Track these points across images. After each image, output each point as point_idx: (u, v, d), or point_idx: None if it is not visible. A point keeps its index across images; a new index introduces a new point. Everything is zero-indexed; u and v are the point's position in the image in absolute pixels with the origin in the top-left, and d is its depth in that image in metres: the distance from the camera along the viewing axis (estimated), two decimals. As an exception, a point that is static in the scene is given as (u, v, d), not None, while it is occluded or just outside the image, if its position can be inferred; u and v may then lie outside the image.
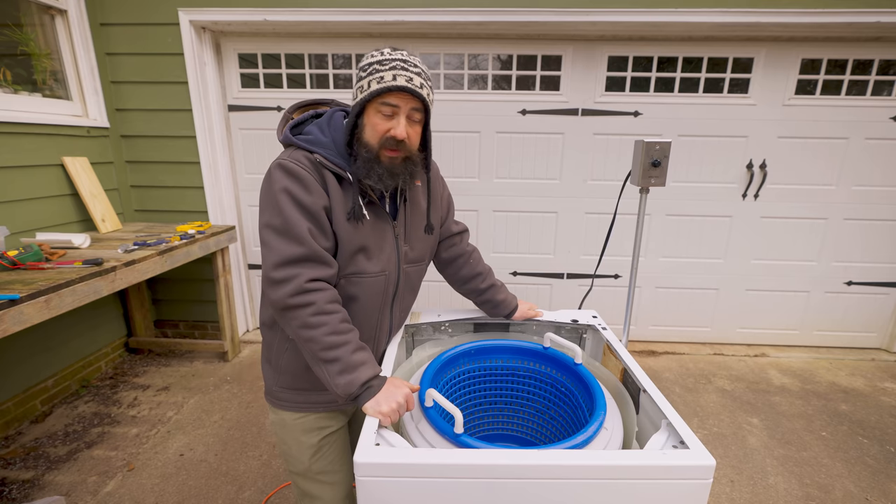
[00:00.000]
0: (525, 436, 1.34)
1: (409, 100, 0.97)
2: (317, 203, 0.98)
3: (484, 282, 1.36)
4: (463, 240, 1.38)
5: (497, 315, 1.39)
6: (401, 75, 0.94)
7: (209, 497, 1.86)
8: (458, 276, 1.37)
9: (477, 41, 2.85)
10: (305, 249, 0.96)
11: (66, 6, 2.52)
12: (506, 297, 1.38)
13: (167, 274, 2.90)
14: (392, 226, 1.11)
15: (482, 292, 1.36)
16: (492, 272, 1.39)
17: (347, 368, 0.95)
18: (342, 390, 0.95)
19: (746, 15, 2.51)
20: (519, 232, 3.16)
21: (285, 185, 0.97)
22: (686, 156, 2.95)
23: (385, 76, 0.94)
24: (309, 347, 0.97)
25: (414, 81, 0.95)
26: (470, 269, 1.36)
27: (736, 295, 3.21)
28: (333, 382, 0.96)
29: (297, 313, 0.96)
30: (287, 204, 0.96)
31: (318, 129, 1.06)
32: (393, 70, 0.94)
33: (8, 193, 2.22)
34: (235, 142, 3.06)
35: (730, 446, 2.20)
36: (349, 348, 0.97)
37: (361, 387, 0.95)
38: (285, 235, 0.96)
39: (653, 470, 0.79)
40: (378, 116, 0.98)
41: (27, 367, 2.35)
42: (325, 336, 0.95)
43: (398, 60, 0.96)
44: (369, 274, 1.08)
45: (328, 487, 1.21)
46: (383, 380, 0.99)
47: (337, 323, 0.97)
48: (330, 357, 0.96)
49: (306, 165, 0.99)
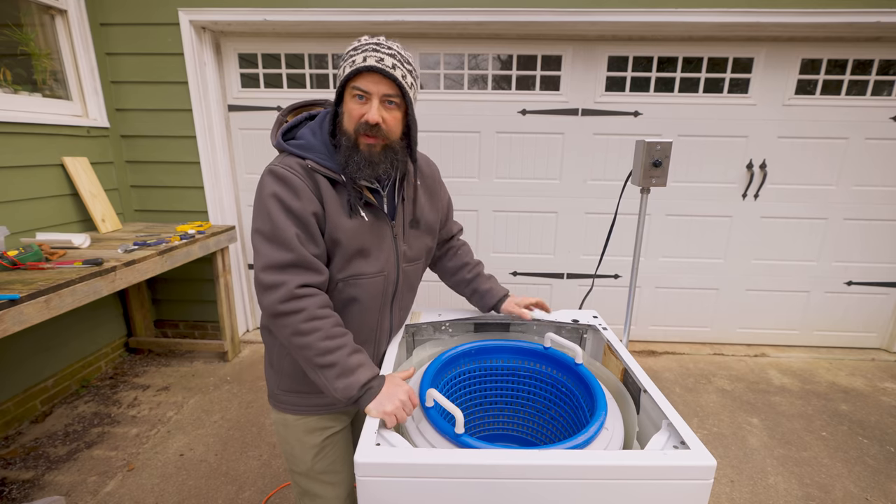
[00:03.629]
0: (526, 436, 1.34)
1: (380, 81, 0.94)
2: (306, 209, 0.97)
3: (470, 272, 1.35)
4: (456, 237, 1.40)
5: (484, 307, 1.35)
6: (371, 56, 0.93)
7: (209, 497, 1.86)
8: (446, 267, 1.37)
9: (477, 41, 2.85)
10: (294, 255, 0.95)
11: (66, 6, 2.52)
12: (492, 286, 1.34)
13: (167, 274, 2.90)
14: (391, 226, 1.11)
15: (469, 282, 1.35)
16: (481, 264, 1.38)
17: (345, 372, 0.95)
18: (342, 394, 0.95)
19: (746, 15, 2.51)
20: (519, 232, 3.16)
21: (274, 190, 0.96)
22: (686, 156, 2.95)
23: (356, 59, 0.93)
24: (304, 354, 0.96)
25: (385, 62, 0.93)
26: (457, 260, 1.35)
27: (736, 295, 3.21)
28: (332, 387, 0.95)
29: (289, 320, 0.95)
30: (276, 209, 0.96)
31: (311, 132, 1.05)
32: (364, 52, 0.94)
33: (8, 193, 2.22)
34: (235, 142, 3.06)
35: (730, 446, 2.20)
36: (345, 352, 0.96)
37: (361, 389, 0.95)
38: (273, 241, 0.96)
39: (653, 470, 0.79)
40: (353, 102, 0.96)
41: (27, 367, 2.35)
42: (320, 341, 0.95)
43: (371, 43, 0.95)
44: (368, 275, 1.08)
45: (330, 487, 1.21)
46: (382, 379, 0.98)
47: (330, 327, 0.96)
48: (326, 362, 0.95)
49: (298, 171, 0.98)
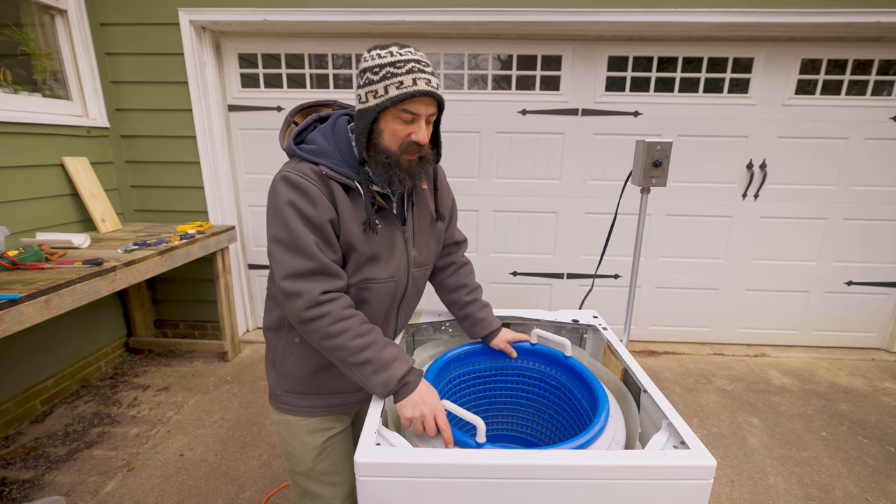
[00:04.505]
0: (527, 436, 1.35)
1: (430, 104, 0.95)
2: (322, 216, 0.97)
3: (468, 295, 1.29)
4: (460, 250, 1.35)
5: (474, 335, 1.28)
6: (420, 79, 0.91)
7: (209, 497, 1.86)
8: (444, 283, 1.32)
9: (477, 41, 2.85)
10: (315, 263, 0.96)
11: (66, 6, 2.52)
12: (487, 317, 1.27)
13: (167, 274, 2.91)
14: (402, 231, 1.10)
15: (464, 305, 1.29)
16: (480, 289, 1.33)
17: (381, 367, 0.96)
18: (381, 390, 0.96)
19: (746, 15, 2.51)
20: (519, 232, 3.16)
21: (290, 198, 0.96)
22: (686, 156, 2.95)
23: (404, 81, 0.90)
24: (338, 355, 0.97)
25: (432, 83, 0.93)
26: (457, 279, 1.31)
27: (736, 295, 3.21)
28: (370, 383, 0.96)
29: (316, 325, 0.96)
30: (293, 218, 0.96)
31: (322, 136, 1.04)
32: (411, 74, 0.91)
33: (8, 193, 2.22)
34: (235, 142, 3.06)
35: (730, 446, 2.20)
36: (377, 347, 0.97)
37: (399, 383, 0.96)
38: (293, 250, 0.96)
39: (654, 470, 0.79)
40: (397, 122, 0.95)
41: (27, 367, 2.35)
42: (351, 341, 0.95)
43: (412, 62, 0.92)
44: (379, 280, 1.08)
45: (331, 487, 1.21)
46: (419, 374, 1.00)
47: (358, 325, 0.97)
48: (361, 360, 0.96)
49: (312, 178, 0.97)
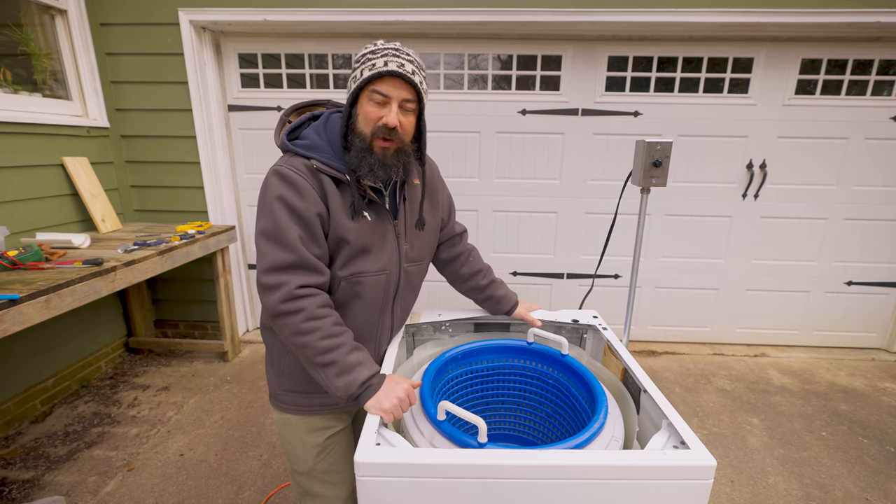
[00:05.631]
0: (526, 435, 1.35)
1: (400, 86, 0.97)
2: (310, 210, 0.98)
3: (485, 278, 1.38)
4: (463, 240, 1.40)
5: (498, 312, 1.39)
6: (392, 61, 0.95)
7: (209, 497, 1.86)
8: (458, 274, 1.38)
9: (477, 41, 2.85)
10: (294, 256, 0.96)
11: (66, 6, 2.52)
12: (506, 293, 1.39)
13: (167, 274, 2.91)
14: (393, 225, 1.11)
15: (483, 289, 1.38)
16: (491, 269, 1.41)
17: (345, 370, 0.96)
18: (342, 392, 0.96)
19: (746, 15, 2.51)
20: (519, 232, 3.16)
21: (280, 191, 0.97)
22: (686, 156, 2.95)
23: (377, 63, 0.95)
24: (304, 353, 0.98)
25: (405, 67, 0.96)
26: (470, 266, 1.37)
27: (736, 295, 3.21)
28: (333, 385, 0.96)
29: (289, 320, 0.96)
30: (280, 210, 0.97)
31: (315, 132, 1.06)
32: (384, 57, 0.95)
33: (8, 193, 2.22)
34: (235, 142, 3.06)
35: (730, 446, 2.20)
36: (344, 350, 0.97)
37: (361, 386, 0.96)
38: (276, 242, 0.97)
39: (654, 470, 0.79)
40: (370, 104, 0.98)
41: (27, 367, 2.35)
42: (319, 340, 0.96)
43: (390, 48, 0.97)
44: (370, 273, 1.08)
45: (331, 487, 1.22)
46: (383, 377, 0.99)
47: (329, 326, 0.97)
48: (326, 360, 0.96)
49: (303, 172, 0.99)
